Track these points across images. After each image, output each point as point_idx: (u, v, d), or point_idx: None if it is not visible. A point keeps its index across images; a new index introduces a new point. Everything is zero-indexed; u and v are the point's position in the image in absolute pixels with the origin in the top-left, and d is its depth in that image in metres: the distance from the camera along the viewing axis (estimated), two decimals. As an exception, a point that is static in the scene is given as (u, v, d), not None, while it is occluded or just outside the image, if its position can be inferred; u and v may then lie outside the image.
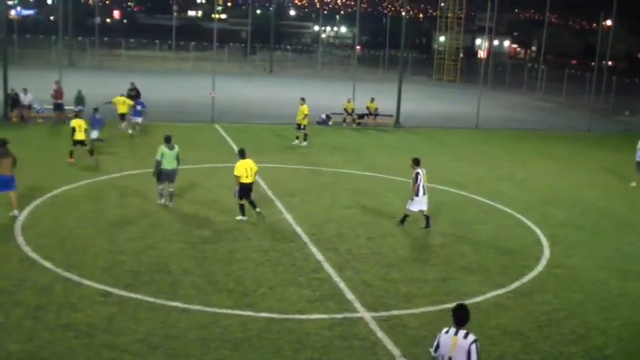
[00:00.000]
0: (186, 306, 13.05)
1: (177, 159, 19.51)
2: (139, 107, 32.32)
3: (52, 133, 31.73)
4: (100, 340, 11.49)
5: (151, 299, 13.27)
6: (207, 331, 12.05)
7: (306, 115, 30.99)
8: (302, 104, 31.25)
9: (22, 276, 14.14)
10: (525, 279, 15.54)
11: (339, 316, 13.03)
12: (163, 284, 14.09)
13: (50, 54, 67.45)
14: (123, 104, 31.81)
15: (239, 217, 18.66)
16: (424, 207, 18.71)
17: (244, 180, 18.25)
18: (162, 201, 19.77)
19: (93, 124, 28.11)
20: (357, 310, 13.35)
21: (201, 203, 20.40)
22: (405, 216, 18.97)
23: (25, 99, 34.32)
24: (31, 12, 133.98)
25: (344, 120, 38.85)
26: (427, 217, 18.88)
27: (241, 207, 18.62)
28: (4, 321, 12.05)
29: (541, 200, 23.46)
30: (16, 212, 17.94)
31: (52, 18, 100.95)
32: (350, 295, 13.99)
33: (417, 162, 18.72)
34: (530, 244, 18.37)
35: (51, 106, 34.91)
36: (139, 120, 32.14)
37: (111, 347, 11.30)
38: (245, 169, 18.21)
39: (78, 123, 24.63)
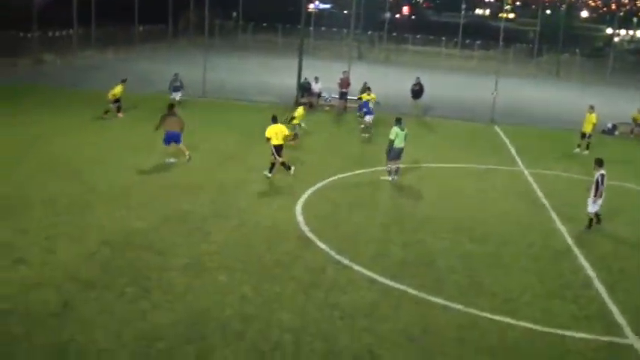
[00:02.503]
0: (447, 303, 13.16)
1: (406, 139, 22.07)
2: (364, 109, 30.28)
3: (336, 122, 33.53)
4: (361, 324, 12.03)
5: (415, 292, 13.57)
6: (465, 333, 12.06)
7: (594, 124, 29.63)
8: (590, 112, 29.88)
9: (299, 253, 15.21)
10: None
11: (605, 339, 12.32)
12: (428, 279, 14.33)
13: (340, 46, 70.88)
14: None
15: (266, 173, 21.13)
16: (598, 209, 18.43)
17: (274, 141, 20.90)
18: (391, 177, 22.03)
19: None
20: (626, 336, 12.52)
21: (471, 203, 20.43)
22: (591, 220, 18.57)
23: (315, 87, 36.66)
24: (327, 6, 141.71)
25: (631, 131, 36.31)
26: (598, 216, 18.61)
27: (283, 164, 21.28)
28: (280, 292, 13.08)
29: None
30: (187, 156, 22.19)
31: (345, 12, 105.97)
32: (620, 319, 13.14)
33: (599, 163, 18.32)
34: None
35: (337, 96, 36.89)
36: None
37: (371, 332, 11.78)
38: (275, 133, 20.89)
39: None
